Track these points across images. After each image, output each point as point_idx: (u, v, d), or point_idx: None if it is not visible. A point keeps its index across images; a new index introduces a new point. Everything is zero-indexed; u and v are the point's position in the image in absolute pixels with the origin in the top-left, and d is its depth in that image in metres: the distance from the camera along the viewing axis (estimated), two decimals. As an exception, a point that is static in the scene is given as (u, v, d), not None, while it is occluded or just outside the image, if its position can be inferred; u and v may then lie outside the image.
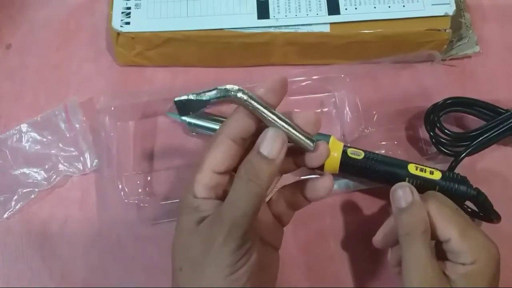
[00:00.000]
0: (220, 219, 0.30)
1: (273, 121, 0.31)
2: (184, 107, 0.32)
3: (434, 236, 0.34)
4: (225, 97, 0.31)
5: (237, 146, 0.32)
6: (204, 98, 0.31)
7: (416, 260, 0.33)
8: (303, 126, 0.32)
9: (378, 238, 0.38)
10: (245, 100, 0.30)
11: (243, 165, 0.31)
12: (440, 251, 0.35)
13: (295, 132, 0.32)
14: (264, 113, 0.31)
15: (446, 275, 0.33)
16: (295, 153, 0.34)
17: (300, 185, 0.36)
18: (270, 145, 0.30)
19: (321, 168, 0.41)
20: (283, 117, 0.31)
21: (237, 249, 0.29)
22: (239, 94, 0.30)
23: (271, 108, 0.31)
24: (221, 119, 0.46)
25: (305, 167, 0.35)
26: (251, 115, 0.31)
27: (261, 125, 0.31)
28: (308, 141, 0.33)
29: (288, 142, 0.31)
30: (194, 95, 0.31)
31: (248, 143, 0.33)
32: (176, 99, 0.32)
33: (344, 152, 0.40)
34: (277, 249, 0.37)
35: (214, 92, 0.31)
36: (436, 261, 0.33)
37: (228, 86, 0.31)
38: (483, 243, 0.34)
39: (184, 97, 0.31)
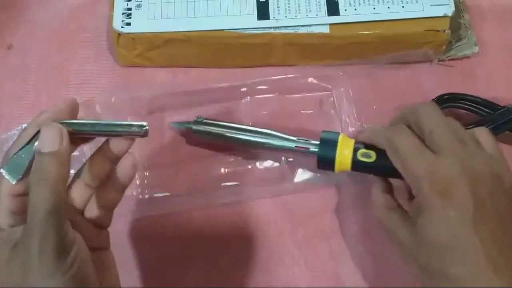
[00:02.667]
0: (28, 230, 0.29)
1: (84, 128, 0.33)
2: (13, 169, 0.31)
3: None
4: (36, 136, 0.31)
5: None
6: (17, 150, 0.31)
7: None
8: None
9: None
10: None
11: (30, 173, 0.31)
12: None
13: (112, 128, 0.34)
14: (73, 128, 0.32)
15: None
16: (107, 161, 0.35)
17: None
18: (44, 140, 0.31)
19: (332, 168, 0.40)
20: (94, 121, 0.33)
21: (56, 248, 0.28)
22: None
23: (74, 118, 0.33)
24: (227, 124, 0.45)
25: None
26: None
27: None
28: (127, 128, 0.34)
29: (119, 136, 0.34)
30: (15, 151, 0.31)
31: None
32: (1, 170, 0.31)
33: (355, 150, 0.40)
34: (107, 249, 0.37)
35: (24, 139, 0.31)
36: None
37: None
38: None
39: (8, 161, 0.31)
